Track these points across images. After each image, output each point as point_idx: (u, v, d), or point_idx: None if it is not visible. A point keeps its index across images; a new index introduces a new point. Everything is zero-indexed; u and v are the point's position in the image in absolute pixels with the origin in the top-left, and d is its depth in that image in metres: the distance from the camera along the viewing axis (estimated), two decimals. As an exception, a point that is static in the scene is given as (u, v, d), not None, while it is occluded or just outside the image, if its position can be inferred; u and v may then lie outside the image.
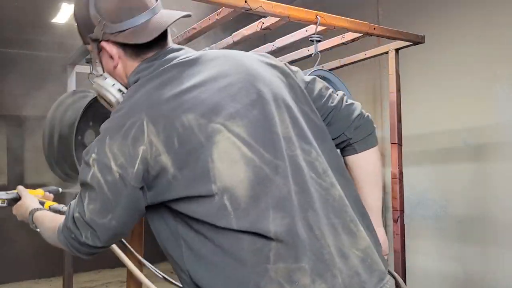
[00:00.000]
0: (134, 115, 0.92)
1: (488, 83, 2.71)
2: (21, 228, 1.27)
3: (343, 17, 1.89)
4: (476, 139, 2.78)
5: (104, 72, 1.11)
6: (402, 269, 2.23)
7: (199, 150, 0.90)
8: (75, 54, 2.45)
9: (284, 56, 2.66)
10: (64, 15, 4.33)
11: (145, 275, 1.40)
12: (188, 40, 2.20)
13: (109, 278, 5.07)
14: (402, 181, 2.26)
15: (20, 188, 1.43)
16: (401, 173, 2.26)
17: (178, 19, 1.04)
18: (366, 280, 0.94)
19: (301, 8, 1.77)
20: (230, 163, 0.91)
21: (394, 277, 1.33)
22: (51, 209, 1.43)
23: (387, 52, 2.33)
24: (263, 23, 1.97)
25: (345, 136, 1.17)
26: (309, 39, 2.11)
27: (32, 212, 1.24)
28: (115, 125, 0.93)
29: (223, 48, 2.40)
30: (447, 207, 2.94)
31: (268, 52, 2.44)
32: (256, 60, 1.10)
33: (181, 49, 1.07)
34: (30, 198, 1.37)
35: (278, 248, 0.89)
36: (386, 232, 1.30)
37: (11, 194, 1.40)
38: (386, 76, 2.52)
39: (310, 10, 1.79)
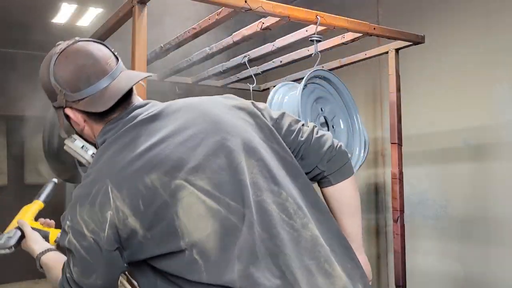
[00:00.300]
0: (99, 181, 0.95)
1: (488, 83, 2.70)
2: (21, 228, 1.26)
3: (343, 17, 1.89)
4: (476, 139, 2.78)
5: (75, 133, 1.16)
6: (402, 269, 2.24)
7: (165, 209, 0.92)
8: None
9: (284, 56, 2.66)
10: (64, 15, 4.33)
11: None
12: (187, 41, 2.20)
13: (109, 278, 5.07)
14: (402, 181, 2.27)
15: (20, 221, 1.36)
16: (401, 173, 2.26)
17: (136, 83, 1.05)
18: None
19: (301, 8, 1.77)
20: (196, 217, 0.92)
21: None
22: (57, 242, 1.40)
23: (387, 52, 2.34)
24: (263, 23, 1.97)
25: (318, 170, 1.15)
26: (309, 39, 2.11)
27: (38, 258, 1.25)
28: (84, 193, 0.96)
29: (223, 48, 2.40)
30: (447, 207, 2.94)
31: (268, 52, 2.45)
32: (221, 105, 1.09)
33: (146, 104, 1.08)
34: (34, 238, 1.32)
35: None
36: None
37: (13, 236, 1.32)
38: (386, 76, 2.52)
39: (310, 10, 1.79)
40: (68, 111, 1.06)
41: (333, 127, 2.03)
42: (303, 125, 1.17)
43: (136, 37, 1.52)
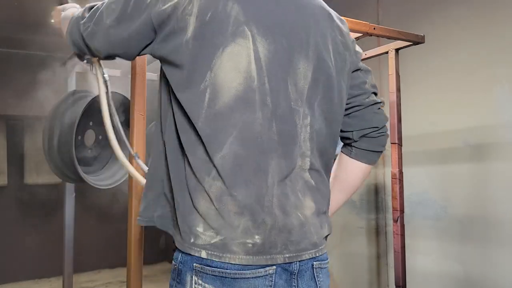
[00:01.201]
0: None
1: (488, 83, 2.70)
2: (20, 229, 1.26)
3: (343, 17, 1.88)
4: (476, 139, 2.78)
5: None
6: (402, 269, 2.24)
7: (219, 38, 0.90)
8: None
9: (284, 56, 2.66)
10: (64, 15, 4.33)
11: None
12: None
13: (109, 278, 5.07)
14: (402, 181, 2.26)
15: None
16: (401, 173, 2.26)
17: None
18: (294, 241, 0.94)
19: (301, 8, 1.77)
20: (234, 67, 0.91)
21: None
22: None
23: (387, 52, 2.33)
24: (263, 23, 1.97)
25: (351, 135, 1.15)
26: (309, 39, 2.11)
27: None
28: None
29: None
30: (447, 207, 2.94)
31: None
32: (329, 19, 1.08)
33: None
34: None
35: (221, 168, 0.89)
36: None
37: None
38: (386, 76, 2.52)
39: (310, 10, 1.78)
40: None
41: (333, 127, 2.04)
42: (375, 94, 1.18)
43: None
